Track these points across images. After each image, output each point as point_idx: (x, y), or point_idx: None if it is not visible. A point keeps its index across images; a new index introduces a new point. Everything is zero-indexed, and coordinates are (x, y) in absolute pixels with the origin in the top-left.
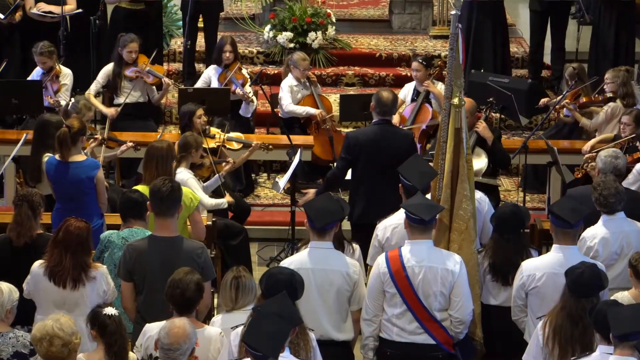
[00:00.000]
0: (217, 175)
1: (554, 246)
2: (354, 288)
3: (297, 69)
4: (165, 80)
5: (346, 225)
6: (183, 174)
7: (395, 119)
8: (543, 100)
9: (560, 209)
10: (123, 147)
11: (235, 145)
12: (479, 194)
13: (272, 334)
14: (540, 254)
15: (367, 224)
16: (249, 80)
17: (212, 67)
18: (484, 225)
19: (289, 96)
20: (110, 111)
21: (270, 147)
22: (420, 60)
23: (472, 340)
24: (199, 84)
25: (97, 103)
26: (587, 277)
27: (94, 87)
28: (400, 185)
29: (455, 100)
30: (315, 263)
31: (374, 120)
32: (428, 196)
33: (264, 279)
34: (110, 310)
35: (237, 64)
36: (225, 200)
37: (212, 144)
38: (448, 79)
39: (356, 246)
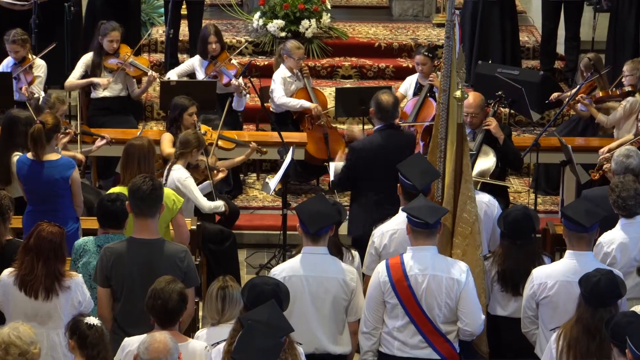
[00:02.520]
0: (209, 181)
1: (567, 252)
2: (352, 297)
3: (291, 59)
4: (151, 73)
5: (343, 230)
6: (181, 172)
7: None
8: (554, 95)
9: (574, 212)
10: (99, 142)
11: (228, 145)
12: (487, 197)
13: (265, 349)
14: (553, 260)
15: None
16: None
17: (197, 57)
18: (493, 231)
19: (282, 88)
20: (102, 81)
21: (265, 150)
22: (426, 53)
23: (477, 355)
24: (179, 69)
25: (81, 81)
26: (604, 285)
27: (73, 76)
28: (398, 185)
29: (458, 94)
30: (309, 270)
31: (376, 127)
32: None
33: (247, 289)
34: (92, 320)
35: (226, 54)
36: (222, 203)
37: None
38: (445, 71)
39: (355, 253)
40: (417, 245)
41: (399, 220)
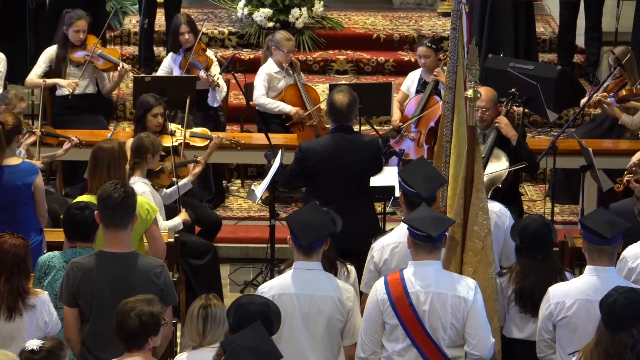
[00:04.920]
0: (186, 179)
1: (588, 267)
2: (348, 318)
3: (280, 51)
4: (123, 65)
5: None
6: (138, 186)
7: (397, 116)
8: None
9: (595, 222)
10: (66, 145)
11: (200, 142)
12: (498, 206)
13: None
14: (574, 276)
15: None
16: (215, 61)
17: (170, 54)
18: (504, 244)
19: (265, 86)
20: (69, 83)
21: (242, 142)
22: (429, 44)
23: None
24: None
25: (43, 81)
26: (621, 305)
27: (35, 72)
28: (401, 192)
29: (470, 93)
30: (300, 287)
31: (330, 128)
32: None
33: (233, 310)
34: (32, 344)
35: (200, 44)
36: (179, 220)
37: (171, 142)
38: (451, 66)
39: (351, 268)
40: (419, 260)
41: (400, 233)
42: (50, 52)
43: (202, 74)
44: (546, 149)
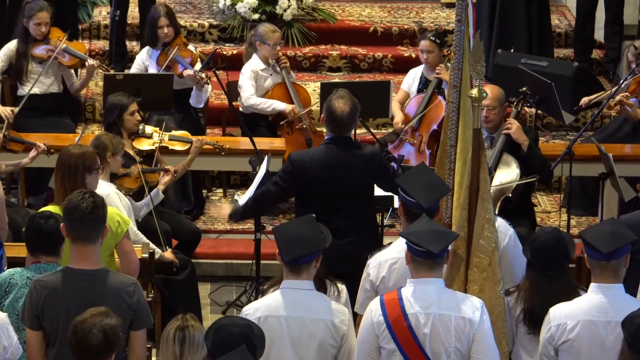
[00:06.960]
0: (156, 189)
1: (592, 285)
2: (342, 343)
3: (266, 45)
4: (90, 61)
5: None
6: (102, 188)
7: (399, 117)
8: (584, 100)
9: (594, 235)
10: (32, 153)
11: (179, 146)
12: (499, 221)
13: None
14: None
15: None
16: (199, 59)
17: (146, 49)
18: (508, 265)
19: (252, 85)
20: (5, 111)
21: (226, 146)
22: (433, 38)
23: None
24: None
25: None
26: None
27: None
28: (400, 202)
29: (474, 92)
30: (290, 309)
31: (325, 137)
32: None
33: (212, 332)
34: None
35: (180, 38)
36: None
37: (148, 145)
38: (455, 62)
39: (342, 287)
40: (419, 278)
41: (399, 248)
42: (9, 48)
43: (187, 71)
44: (561, 154)
